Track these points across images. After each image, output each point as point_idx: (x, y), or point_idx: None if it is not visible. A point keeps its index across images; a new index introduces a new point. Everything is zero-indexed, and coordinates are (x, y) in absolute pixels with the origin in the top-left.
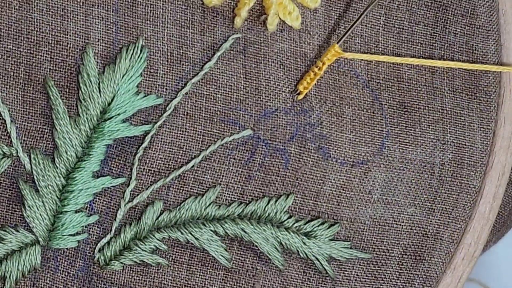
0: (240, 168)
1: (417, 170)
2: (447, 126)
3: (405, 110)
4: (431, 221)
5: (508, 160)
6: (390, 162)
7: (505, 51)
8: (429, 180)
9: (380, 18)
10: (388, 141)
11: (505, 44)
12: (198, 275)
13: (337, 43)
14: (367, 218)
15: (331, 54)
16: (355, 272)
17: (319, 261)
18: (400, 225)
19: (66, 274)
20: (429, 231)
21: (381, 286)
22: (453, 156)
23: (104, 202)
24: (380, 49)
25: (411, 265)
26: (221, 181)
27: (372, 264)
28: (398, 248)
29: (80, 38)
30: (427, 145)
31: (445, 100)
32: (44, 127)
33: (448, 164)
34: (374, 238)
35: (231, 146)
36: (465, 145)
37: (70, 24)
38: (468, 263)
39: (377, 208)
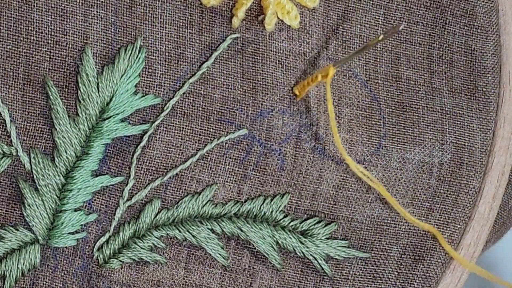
0: (236, 167)
1: (415, 170)
2: (446, 126)
3: (403, 110)
4: (430, 221)
5: (508, 161)
6: (387, 161)
7: (505, 52)
8: (428, 180)
9: (378, 18)
10: (385, 141)
11: (505, 44)
12: (196, 273)
13: (334, 66)
14: (364, 218)
15: (328, 76)
16: (353, 271)
17: (316, 260)
18: (399, 224)
19: (65, 272)
20: (428, 231)
21: (380, 286)
22: (452, 157)
23: (103, 201)
24: (379, 49)
25: (410, 265)
26: (217, 179)
27: (371, 263)
28: (397, 248)
29: (79, 38)
30: (425, 145)
31: (444, 100)
32: (44, 126)
33: (447, 164)
34: (372, 237)
35: (227, 145)
36: (465, 145)
37: (69, 25)
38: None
39: (375, 207)
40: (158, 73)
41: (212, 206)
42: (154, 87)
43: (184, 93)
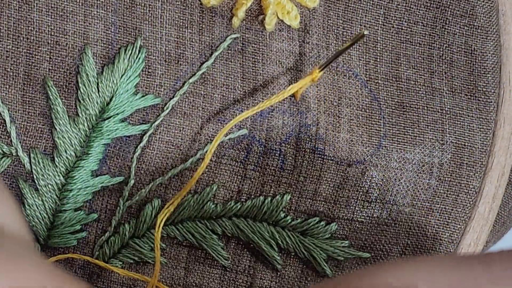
0: (236, 167)
1: (415, 170)
2: (446, 126)
3: (403, 110)
4: (430, 222)
5: (508, 161)
6: (387, 162)
7: (505, 52)
8: (428, 180)
9: (378, 18)
10: (385, 141)
11: (505, 44)
12: (195, 273)
13: (319, 69)
14: (364, 218)
15: (310, 79)
16: (353, 271)
17: (316, 260)
18: (399, 225)
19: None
20: (428, 232)
21: None
22: (452, 157)
23: (103, 201)
24: (379, 49)
25: None
26: (217, 179)
27: (371, 263)
28: (397, 248)
29: (79, 38)
30: (425, 145)
31: (444, 100)
32: (44, 126)
33: (447, 164)
34: (372, 237)
35: (227, 145)
36: (464, 145)
37: (69, 25)
38: None
39: (375, 208)
40: (158, 73)
41: (212, 206)
42: (154, 87)
43: (184, 93)
